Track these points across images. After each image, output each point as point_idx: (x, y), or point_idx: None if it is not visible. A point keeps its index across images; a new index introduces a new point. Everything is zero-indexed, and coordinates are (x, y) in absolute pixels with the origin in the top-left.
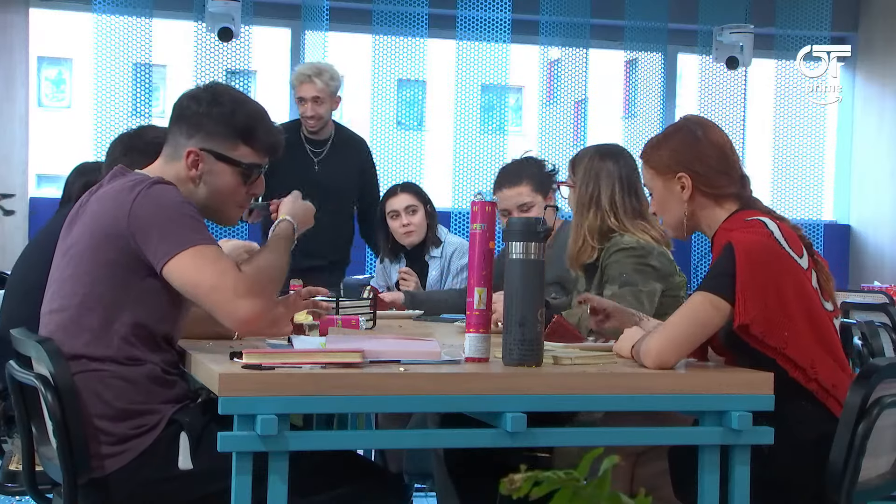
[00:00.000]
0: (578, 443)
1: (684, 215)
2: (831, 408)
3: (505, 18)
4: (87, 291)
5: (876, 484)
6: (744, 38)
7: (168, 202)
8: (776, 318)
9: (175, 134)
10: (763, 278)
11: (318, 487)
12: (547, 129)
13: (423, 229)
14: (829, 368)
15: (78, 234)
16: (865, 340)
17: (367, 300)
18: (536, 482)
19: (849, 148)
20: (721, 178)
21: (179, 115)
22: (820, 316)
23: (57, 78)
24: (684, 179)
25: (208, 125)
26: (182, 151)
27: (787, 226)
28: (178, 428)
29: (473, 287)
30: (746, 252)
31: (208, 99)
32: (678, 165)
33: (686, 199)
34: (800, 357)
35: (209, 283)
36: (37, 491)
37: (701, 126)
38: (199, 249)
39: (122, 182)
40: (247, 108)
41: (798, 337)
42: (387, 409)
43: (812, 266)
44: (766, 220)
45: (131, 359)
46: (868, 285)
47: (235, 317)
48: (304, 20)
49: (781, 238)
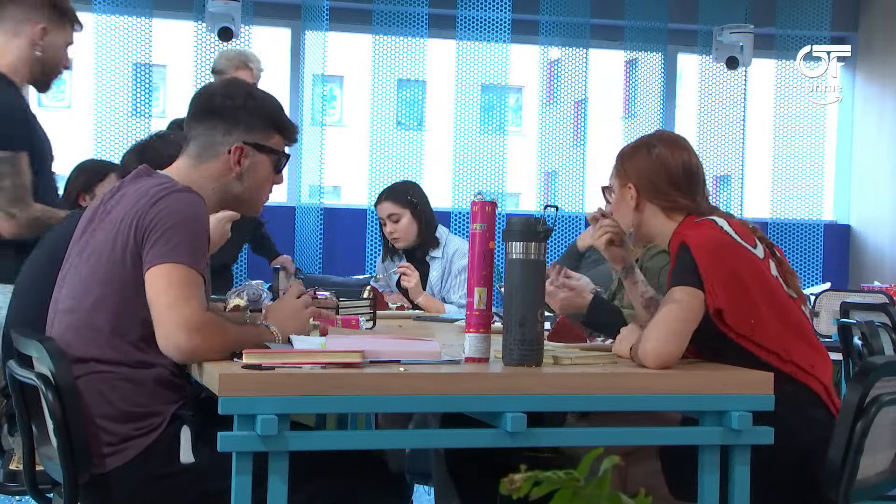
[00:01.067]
0: (578, 443)
1: (632, 223)
2: (814, 388)
3: (505, 18)
4: (101, 293)
5: (874, 482)
6: (744, 38)
7: (182, 212)
8: (742, 305)
9: (207, 132)
10: (721, 267)
11: (317, 487)
12: (547, 129)
13: (409, 234)
14: (802, 350)
15: (98, 236)
16: (865, 340)
17: (367, 300)
18: (536, 482)
19: (849, 148)
20: (672, 192)
21: (211, 113)
22: (784, 302)
23: None
24: (632, 190)
25: (247, 119)
26: (221, 149)
27: (737, 222)
28: (180, 423)
29: (473, 287)
30: (700, 245)
31: (240, 93)
32: (630, 177)
33: (633, 209)
34: (769, 342)
35: (169, 301)
36: (37, 490)
37: (662, 144)
38: (182, 269)
39: (149, 183)
40: (270, 97)
41: (765, 323)
42: (387, 409)
43: (769, 256)
44: (715, 219)
45: (141, 362)
46: (868, 285)
47: (173, 342)
48: (304, 20)
49: (732, 231)
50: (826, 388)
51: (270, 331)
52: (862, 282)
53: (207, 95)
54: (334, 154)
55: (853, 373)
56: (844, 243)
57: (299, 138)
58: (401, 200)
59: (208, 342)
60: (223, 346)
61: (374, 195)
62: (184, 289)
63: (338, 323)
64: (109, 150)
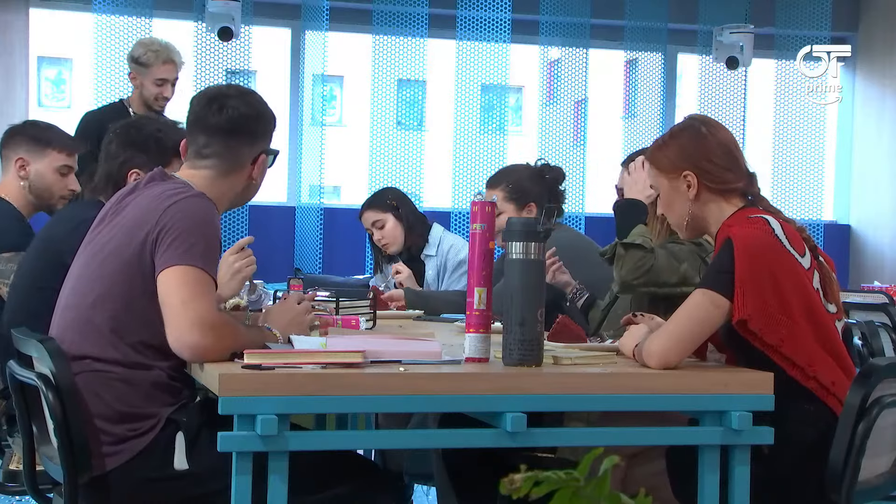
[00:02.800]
0: (578, 443)
1: (688, 214)
2: (832, 406)
3: (505, 18)
4: (103, 292)
5: (876, 484)
6: (744, 38)
7: (196, 216)
8: (774, 315)
9: (235, 147)
10: (761, 273)
11: (317, 487)
12: (547, 129)
13: (397, 237)
14: (828, 367)
15: (107, 235)
16: (865, 340)
17: (367, 300)
18: (536, 482)
19: (849, 148)
20: (727, 174)
21: (236, 131)
22: (821, 316)
23: (57, 78)
24: (690, 178)
25: (262, 129)
26: (246, 161)
27: (790, 226)
28: (175, 428)
29: (473, 287)
30: (745, 247)
31: (255, 102)
32: (684, 163)
33: (692, 198)
34: (797, 355)
35: (183, 298)
36: (37, 490)
37: (706, 124)
38: (195, 270)
39: (163, 188)
40: (265, 100)
41: (796, 335)
42: (387, 409)
43: (815, 267)
44: (768, 218)
45: (138, 364)
46: (868, 285)
47: (184, 339)
48: (304, 20)
49: (783, 236)
50: (842, 404)
51: (274, 334)
52: (862, 282)
53: (231, 110)
54: (334, 154)
55: (855, 375)
56: (844, 243)
57: (299, 138)
58: (381, 206)
59: (220, 342)
60: (234, 346)
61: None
62: (197, 288)
63: (338, 323)
64: None
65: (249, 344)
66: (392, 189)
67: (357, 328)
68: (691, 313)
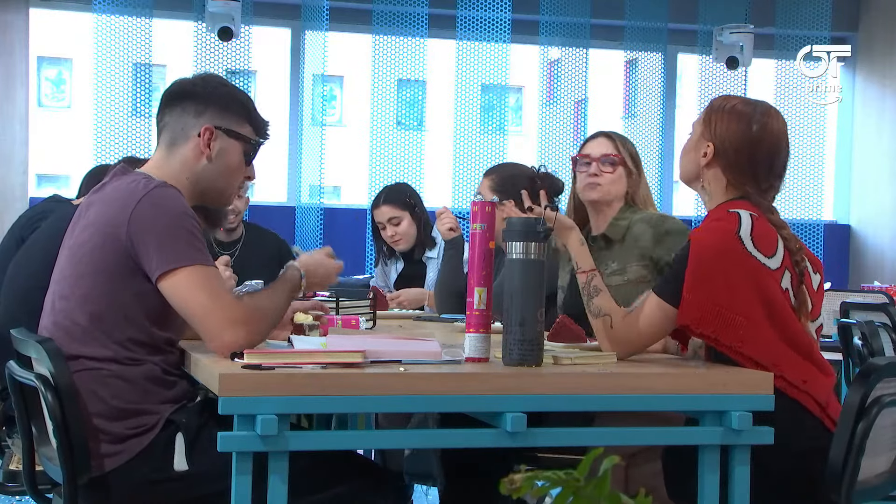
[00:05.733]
0: (578, 443)
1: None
2: (805, 403)
3: (505, 18)
4: (85, 293)
5: (875, 483)
6: (744, 38)
7: (170, 210)
8: (727, 316)
9: (178, 116)
10: (713, 276)
11: (317, 487)
12: (547, 129)
13: (411, 235)
14: (796, 365)
15: (82, 235)
16: (865, 340)
17: (367, 300)
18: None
19: (849, 148)
20: (740, 174)
21: (182, 96)
22: (787, 316)
23: (57, 78)
24: (709, 150)
25: (218, 102)
26: (192, 132)
27: (767, 225)
28: (174, 429)
29: (473, 287)
30: (699, 252)
31: (211, 80)
32: (715, 138)
33: (701, 165)
34: (760, 355)
35: (202, 304)
36: (37, 491)
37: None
38: (196, 269)
39: (126, 182)
40: (244, 92)
41: (757, 335)
42: (387, 409)
43: (787, 266)
44: (742, 214)
45: (130, 359)
46: (868, 285)
47: (220, 341)
48: (304, 20)
49: (748, 235)
50: (819, 403)
51: (299, 271)
52: (862, 282)
53: (178, 83)
54: (334, 154)
55: (854, 374)
56: (844, 243)
57: (299, 138)
58: (399, 203)
59: (254, 331)
60: (269, 326)
61: (374, 195)
62: (209, 286)
63: (338, 323)
64: (109, 150)
65: (279, 310)
66: (408, 186)
67: (357, 328)
68: (646, 317)
